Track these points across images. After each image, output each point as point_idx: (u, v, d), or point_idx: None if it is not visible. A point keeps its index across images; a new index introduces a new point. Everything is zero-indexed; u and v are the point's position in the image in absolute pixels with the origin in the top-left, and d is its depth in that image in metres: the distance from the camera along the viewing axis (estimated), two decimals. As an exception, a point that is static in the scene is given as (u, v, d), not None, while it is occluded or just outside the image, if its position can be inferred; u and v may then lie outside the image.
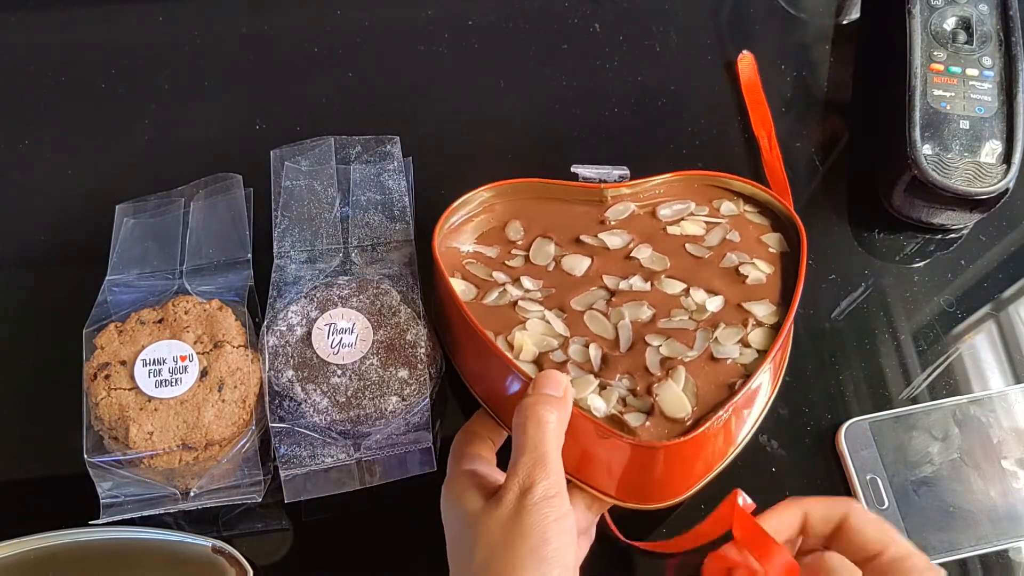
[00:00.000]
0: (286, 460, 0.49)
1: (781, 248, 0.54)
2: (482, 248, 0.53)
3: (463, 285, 0.52)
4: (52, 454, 0.53)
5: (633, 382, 0.48)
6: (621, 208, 0.55)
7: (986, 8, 0.61)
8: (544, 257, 0.53)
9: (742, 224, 0.55)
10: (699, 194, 0.56)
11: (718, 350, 0.49)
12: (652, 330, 0.50)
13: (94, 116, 0.63)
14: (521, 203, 0.55)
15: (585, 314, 0.50)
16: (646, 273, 0.52)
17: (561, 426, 0.42)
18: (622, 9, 0.69)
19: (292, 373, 0.50)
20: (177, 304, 0.51)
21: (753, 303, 0.51)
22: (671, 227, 0.54)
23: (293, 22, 0.68)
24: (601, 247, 0.53)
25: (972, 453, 0.54)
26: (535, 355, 0.49)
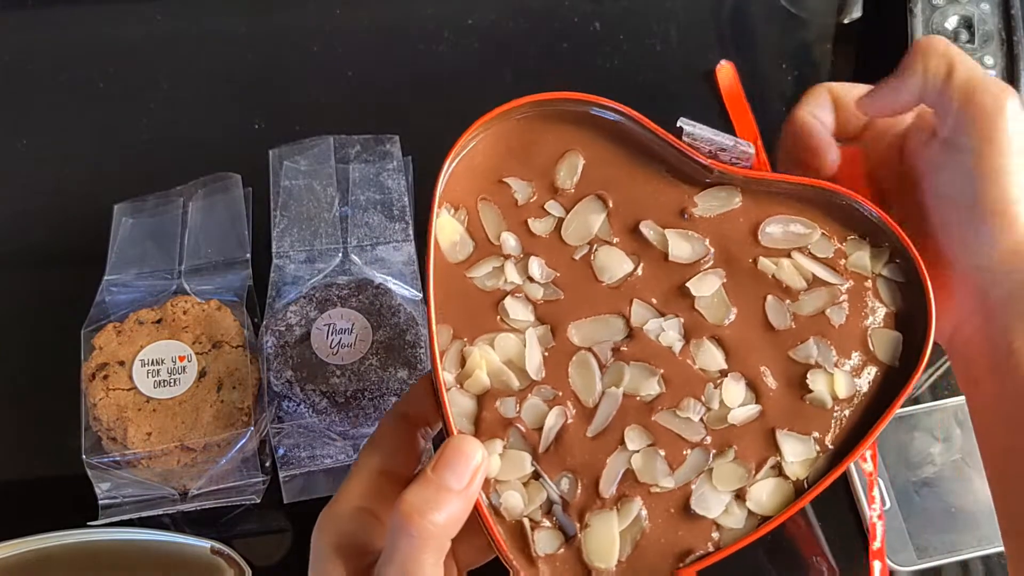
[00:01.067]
0: (285, 461, 0.49)
1: (889, 360, 0.38)
2: (514, 182, 0.39)
3: (458, 232, 0.38)
4: (50, 455, 0.52)
5: (572, 490, 0.36)
6: (721, 196, 0.39)
7: (987, 7, 0.61)
8: (581, 233, 0.39)
9: (861, 296, 0.39)
10: (836, 222, 0.39)
11: (699, 496, 0.36)
12: (643, 419, 0.37)
13: (93, 115, 0.63)
14: (598, 137, 0.40)
15: (577, 354, 0.37)
16: (692, 321, 0.38)
17: (451, 530, 0.33)
18: (623, 8, 0.69)
19: (291, 373, 0.50)
20: (176, 304, 0.51)
21: (791, 436, 0.37)
22: (766, 259, 0.39)
23: (292, 21, 0.67)
24: (659, 252, 0.39)
25: (974, 454, 0.53)
26: (483, 390, 0.37)
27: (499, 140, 0.39)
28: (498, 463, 0.36)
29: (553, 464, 0.36)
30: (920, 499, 0.52)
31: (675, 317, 0.38)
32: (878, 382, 0.38)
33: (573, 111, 0.39)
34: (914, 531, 0.51)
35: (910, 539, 0.51)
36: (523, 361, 0.37)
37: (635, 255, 0.39)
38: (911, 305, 0.38)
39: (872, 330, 0.38)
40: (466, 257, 0.38)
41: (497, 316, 0.38)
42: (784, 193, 0.39)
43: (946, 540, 0.51)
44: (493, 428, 0.36)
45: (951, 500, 0.52)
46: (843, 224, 0.39)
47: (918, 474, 0.53)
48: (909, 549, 0.51)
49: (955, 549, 0.51)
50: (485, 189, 0.39)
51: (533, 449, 0.36)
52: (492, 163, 0.39)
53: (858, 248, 0.39)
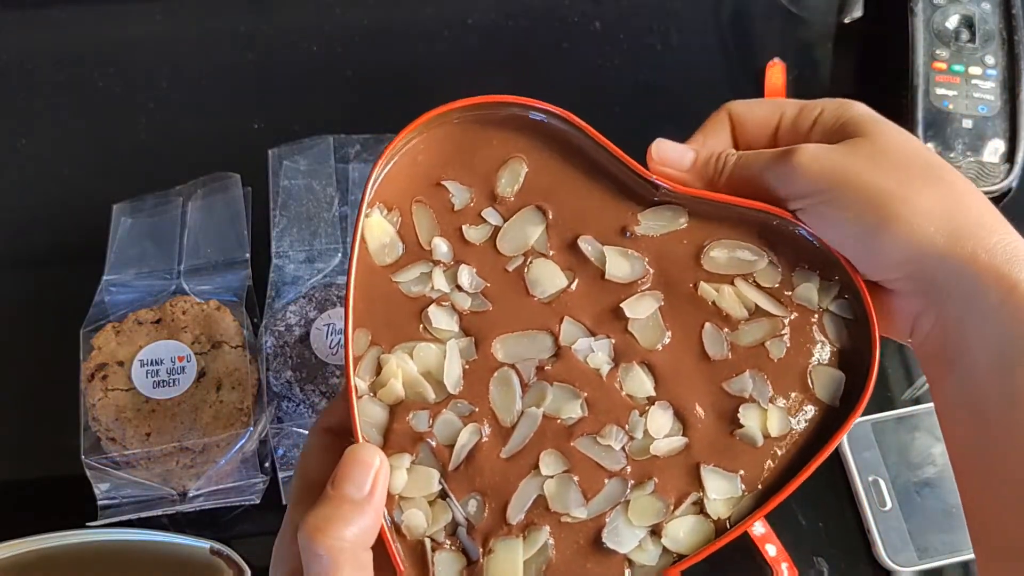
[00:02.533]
0: (284, 461, 0.49)
1: (828, 400, 0.36)
2: (453, 186, 0.37)
3: (388, 234, 0.37)
4: (49, 455, 0.52)
5: (479, 513, 0.34)
6: (667, 216, 0.37)
7: (988, 6, 0.61)
8: (516, 244, 0.37)
9: (805, 331, 0.36)
10: (785, 251, 0.37)
11: (612, 529, 0.34)
12: (561, 443, 0.35)
13: (92, 115, 0.63)
14: (543, 145, 0.38)
15: (499, 371, 0.36)
16: (624, 343, 0.36)
17: (365, 540, 0.32)
18: (623, 7, 0.69)
19: (290, 374, 0.50)
20: (175, 304, 0.51)
21: (716, 473, 0.35)
22: (707, 284, 0.37)
23: (292, 21, 0.67)
24: (596, 269, 0.37)
25: (975, 454, 0.53)
26: (396, 400, 0.35)
27: (443, 142, 0.37)
28: (404, 479, 0.34)
29: (462, 484, 0.35)
30: (921, 499, 0.52)
31: (606, 338, 0.36)
32: (815, 421, 0.36)
33: (520, 116, 0.38)
34: (915, 531, 0.51)
35: (911, 539, 0.51)
36: (441, 373, 0.35)
37: (571, 270, 0.37)
38: (857, 343, 0.36)
39: (813, 367, 0.36)
40: (394, 260, 0.36)
41: (420, 324, 0.36)
42: (734, 217, 0.37)
43: (947, 540, 0.51)
44: (403, 441, 0.35)
45: (952, 500, 0.52)
46: (793, 254, 0.37)
47: (919, 474, 0.53)
48: (910, 549, 0.51)
49: (956, 549, 0.51)
50: (422, 191, 0.37)
51: (443, 466, 0.35)
52: (433, 165, 0.37)
53: (806, 280, 0.37)
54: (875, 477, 0.53)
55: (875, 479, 0.52)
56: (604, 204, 0.38)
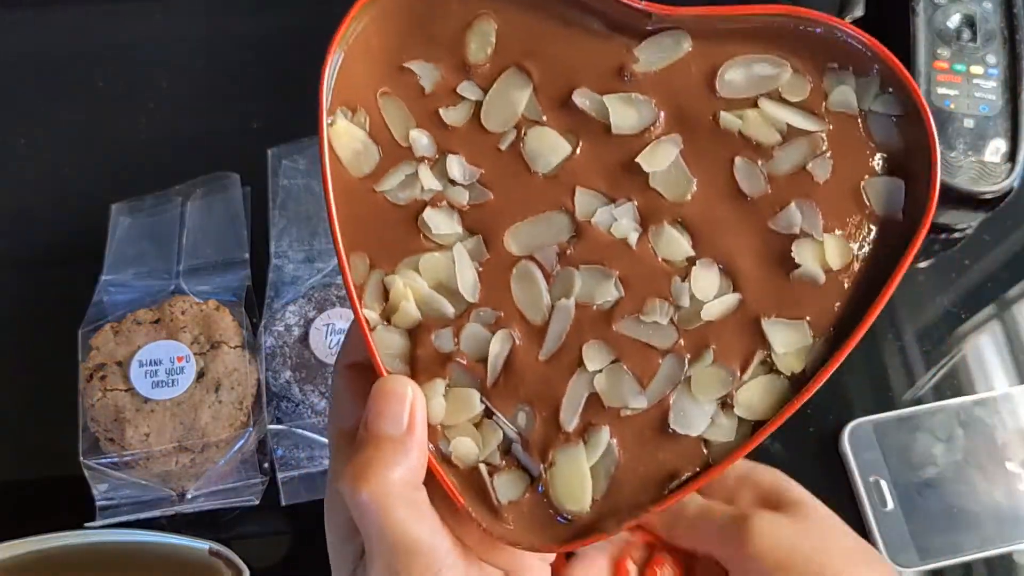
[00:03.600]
0: (283, 462, 0.49)
1: (889, 213, 0.31)
2: (418, 66, 0.32)
3: (359, 140, 0.32)
4: (47, 456, 0.52)
5: (530, 425, 0.31)
6: (666, 44, 0.32)
7: (990, 6, 0.61)
8: (504, 116, 0.32)
9: (850, 141, 0.32)
10: (809, 54, 0.32)
11: (679, 412, 0.31)
12: (602, 332, 0.31)
13: (91, 115, 0.63)
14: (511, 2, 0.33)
15: (517, 265, 0.31)
16: (647, 202, 0.32)
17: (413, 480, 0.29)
18: (623, 7, 0.69)
19: (290, 374, 0.50)
20: (174, 304, 0.51)
21: (780, 324, 0.31)
22: (728, 114, 0.32)
23: (292, 21, 0.67)
24: (600, 124, 0.32)
25: (976, 455, 0.53)
26: (413, 323, 0.31)
27: (396, 17, 0.32)
28: (442, 405, 0.31)
29: (505, 398, 0.31)
30: (922, 500, 0.52)
31: (627, 201, 0.32)
32: (879, 242, 0.31)
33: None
34: (916, 532, 0.51)
35: (912, 540, 0.51)
36: (455, 282, 0.31)
37: (571, 133, 0.32)
38: (910, 141, 0.31)
39: (866, 181, 0.31)
40: (372, 169, 0.32)
41: (419, 233, 0.32)
42: (742, 29, 0.32)
43: (948, 541, 0.51)
44: (431, 366, 0.31)
45: (953, 501, 0.52)
46: (819, 55, 0.32)
47: (920, 475, 0.53)
48: (911, 550, 0.51)
49: (958, 550, 0.51)
50: (384, 79, 0.32)
51: (480, 384, 0.31)
52: (389, 47, 0.32)
53: (840, 82, 0.32)
54: (876, 477, 0.52)
55: (876, 479, 0.52)
56: (593, 47, 0.32)
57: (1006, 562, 0.52)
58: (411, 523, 0.28)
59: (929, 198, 0.30)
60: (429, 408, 0.30)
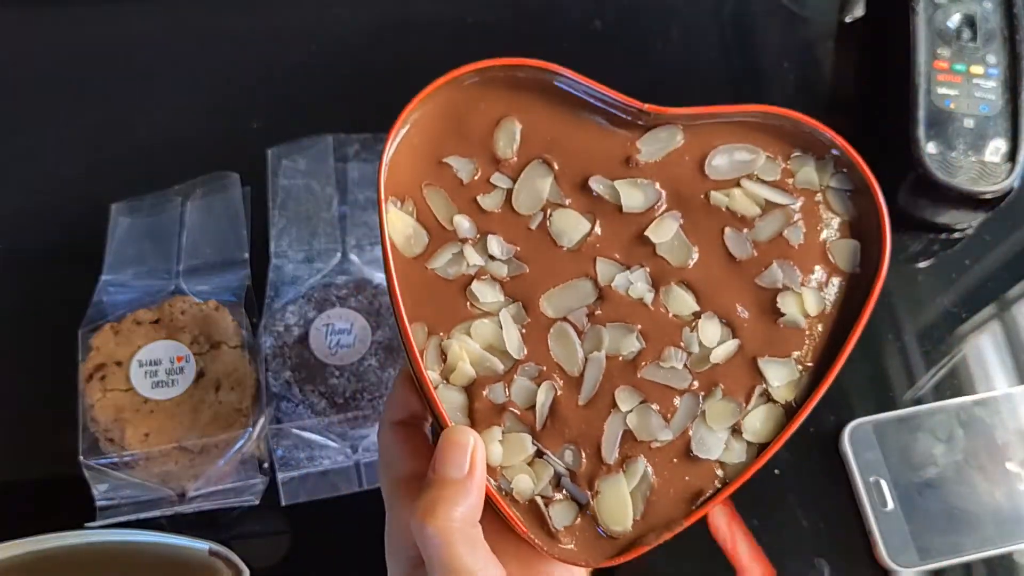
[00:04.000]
0: (283, 462, 0.49)
1: (851, 268, 0.39)
2: (455, 161, 0.39)
3: (410, 226, 0.38)
4: (47, 456, 0.52)
5: (576, 459, 0.37)
6: (662, 137, 0.39)
7: (990, 5, 0.61)
8: (532, 201, 0.38)
9: (814, 212, 0.39)
10: (777, 142, 0.40)
11: (699, 439, 0.37)
12: (629, 378, 0.37)
13: (90, 114, 0.63)
14: (530, 99, 0.39)
15: (554, 326, 0.38)
16: (657, 268, 0.38)
17: (472, 518, 0.34)
18: (623, 6, 0.68)
19: (289, 374, 0.50)
20: (173, 304, 0.51)
21: (773, 361, 0.38)
22: (718, 193, 0.39)
23: (291, 21, 0.67)
24: (613, 205, 0.39)
25: (977, 455, 0.53)
26: (470, 380, 0.37)
27: (434, 120, 0.39)
28: (500, 450, 0.37)
29: (553, 439, 0.37)
30: (922, 500, 0.52)
31: (640, 268, 0.38)
32: (845, 292, 0.38)
33: (500, 76, 0.39)
34: (916, 532, 0.51)
35: (912, 540, 0.51)
36: (503, 343, 0.37)
37: (590, 213, 0.39)
38: (863, 209, 0.39)
39: (830, 242, 0.39)
40: (423, 249, 0.38)
41: (467, 302, 0.38)
42: (723, 123, 0.39)
43: (949, 542, 0.51)
44: (488, 416, 0.37)
45: (954, 501, 0.52)
46: (784, 143, 0.40)
47: (920, 475, 0.53)
48: (911, 550, 0.51)
49: (958, 551, 0.51)
50: (427, 174, 0.38)
51: (531, 428, 0.37)
52: (430, 146, 0.39)
53: (803, 164, 0.39)
54: (876, 477, 0.52)
55: (876, 479, 0.52)
56: (602, 140, 0.39)
57: (1006, 562, 0.52)
58: (468, 555, 0.33)
59: (881, 255, 0.37)
60: (489, 452, 0.36)
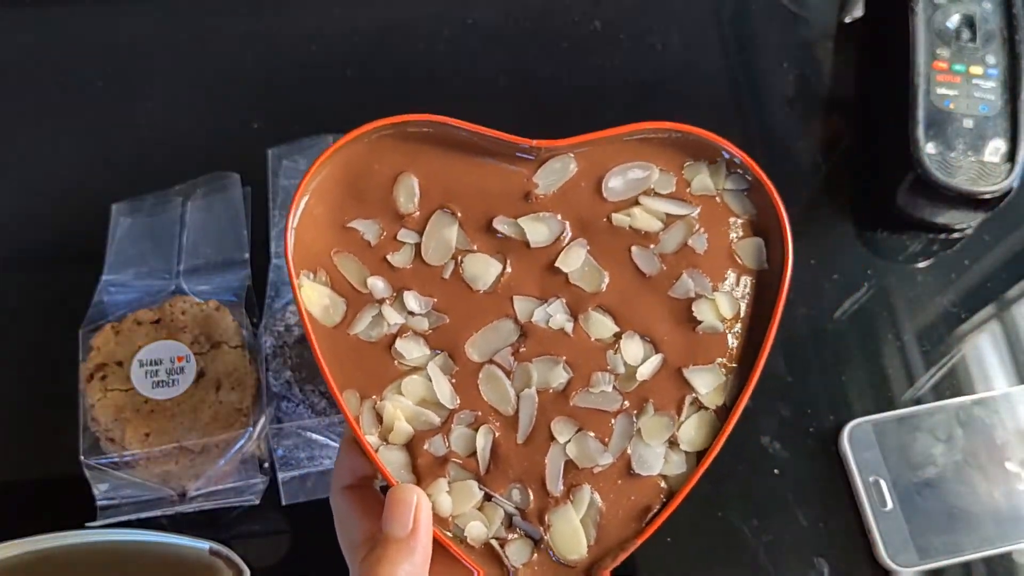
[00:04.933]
0: (284, 462, 0.49)
1: (757, 265, 0.39)
2: (360, 224, 0.39)
3: (326, 296, 0.38)
4: (48, 456, 0.52)
5: (524, 498, 0.37)
6: (557, 168, 0.40)
7: (989, 6, 0.61)
8: (441, 251, 0.39)
9: (715, 216, 0.40)
10: (666, 156, 0.40)
11: (639, 456, 0.38)
12: (562, 408, 0.38)
13: (91, 115, 0.63)
14: (418, 149, 0.40)
15: (482, 370, 0.38)
16: (572, 297, 0.39)
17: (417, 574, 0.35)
18: (623, 7, 0.68)
19: (290, 374, 0.50)
20: (174, 304, 0.51)
21: (698, 370, 0.38)
22: (618, 214, 0.39)
23: (292, 21, 0.67)
24: (520, 242, 0.39)
25: (976, 455, 0.53)
26: (408, 437, 0.38)
27: (330, 188, 0.39)
28: (448, 500, 0.37)
29: (499, 480, 0.38)
30: (922, 500, 0.52)
31: (556, 299, 0.39)
32: (756, 289, 0.39)
33: (387, 136, 0.39)
34: (916, 532, 0.51)
35: (912, 540, 0.51)
36: (435, 396, 0.38)
37: (499, 253, 0.39)
38: (762, 207, 0.40)
39: (735, 244, 0.39)
40: (342, 317, 0.38)
41: (394, 361, 0.38)
42: (612, 145, 0.40)
43: (948, 541, 0.51)
44: (431, 469, 0.37)
45: (953, 501, 0.52)
46: (675, 153, 0.40)
47: (920, 475, 0.53)
48: (911, 550, 0.51)
49: (957, 550, 0.51)
50: (334, 241, 0.39)
51: (475, 474, 0.38)
52: (331, 214, 0.39)
53: (697, 171, 0.40)
54: (876, 477, 0.52)
55: (876, 479, 0.52)
56: (499, 180, 0.40)
57: (1006, 562, 0.52)
58: None
59: (785, 248, 0.38)
60: (437, 504, 0.37)
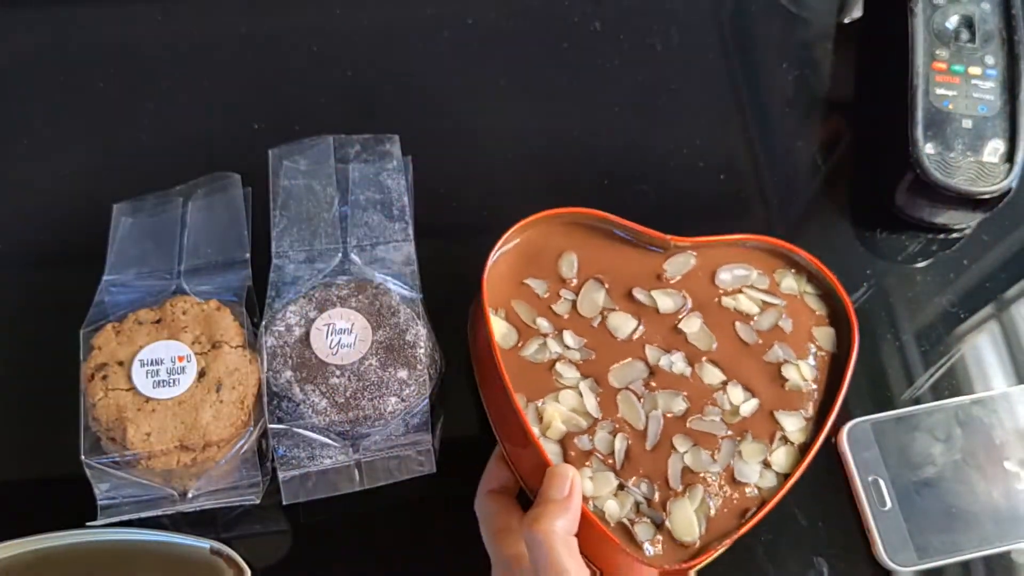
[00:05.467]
0: (284, 461, 0.49)
1: (831, 348, 0.52)
2: (532, 282, 0.52)
3: (505, 327, 0.50)
4: (49, 455, 0.52)
5: (651, 490, 0.47)
6: (681, 261, 0.53)
7: (988, 6, 0.61)
8: (592, 308, 0.51)
9: (798, 309, 0.53)
10: (763, 261, 0.54)
11: (740, 469, 0.48)
12: (681, 428, 0.49)
13: (92, 115, 0.63)
14: (579, 233, 0.53)
15: (620, 393, 0.49)
16: (690, 351, 0.51)
17: (570, 529, 0.43)
18: (623, 7, 0.69)
19: (291, 374, 0.50)
20: (175, 304, 0.51)
21: (786, 414, 0.50)
22: (726, 298, 0.52)
23: (292, 21, 0.67)
24: (651, 308, 0.52)
25: (975, 454, 0.53)
26: (562, 434, 0.48)
27: (515, 255, 0.52)
28: (591, 484, 0.47)
29: (630, 475, 0.48)
30: (921, 499, 0.52)
31: (678, 351, 0.51)
32: (829, 363, 0.52)
33: (561, 222, 0.53)
34: (915, 531, 0.51)
35: (911, 539, 0.51)
36: (584, 407, 0.49)
37: (635, 315, 0.52)
38: (832, 307, 0.53)
39: (813, 329, 0.52)
40: (515, 343, 0.50)
41: (554, 378, 0.49)
42: (722, 249, 0.54)
43: (947, 540, 0.51)
44: (579, 460, 0.48)
45: (952, 501, 0.52)
46: (769, 261, 0.54)
47: (919, 474, 0.53)
48: (910, 549, 0.51)
49: (956, 549, 0.51)
50: (513, 292, 0.52)
51: (612, 468, 0.48)
52: (513, 272, 0.52)
53: (785, 277, 0.54)
54: (875, 477, 0.53)
55: (875, 479, 0.53)
56: (640, 263, 0.53)
57: (1004, 561, 0.52)
58: (566, 556, 0.41)
59: (852, 338, 0.51)
60: (583, 486, 0.46)
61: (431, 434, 0.50)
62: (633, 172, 0.62)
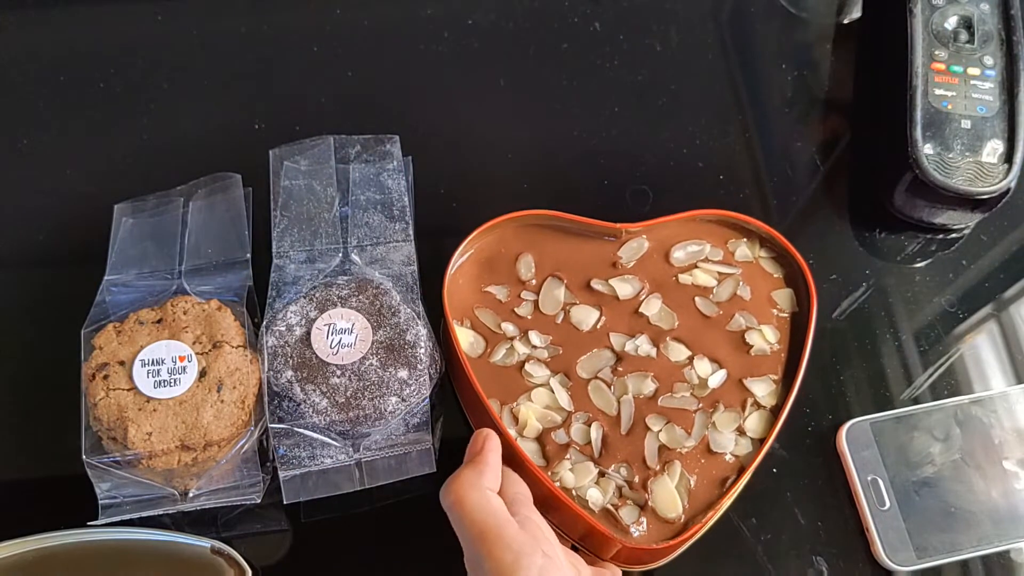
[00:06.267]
0: (285, 461, 0.49)
1: (791, 308, 0.54)
2: (493, 288, 0.53)
3: (471, 337, 0.52)
4: (50, 455, 0.52)
5: (630, 472, 0.49)
6: (634, 246, 0.55)
7: (987, 7, 0.61)
8: (553, 305, 0.53)
9: (755, 275, 0.55)
10: (715, 233, 0.56)
11: (715, 440, 0.50)
12: (653, 409, 0.50)
13: (93, 115, 0.63)
14: (533, 234, 0.55)
15: (590, 384, 0.51)
16: (653, 332, 0.52)
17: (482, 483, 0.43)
18: (622, 8, 0.69)
19: (291, 373, 0.50)
20: (176, 304, 0.51)
21: (754, 380, 0.51)
22: (683, 275, 0.54)
23: (292, 21, 0.67)
24: (611, 296, 0.53)
25: (974, 454, 0.53)
26: (538, 432, 0.50)
27: (471, 265, 0.54)
28: (571, 475, 0.49)
29: (609, 462, 0.49)
30: (920, 499, 0.52)
31: (642, 334, 0.53)
32: (791, 323, 0.54)
33: (512, 226, 0.54)
34: (914, 531, 0.51)
35: (910, 539, 0.51)
36: (557, 403, 0.51)
37: (596, 305, 0.53)
38: (788, 268, 0.55)
39: (771, 293, 0.54)
40: (483, 351, 0.52)
41: (525, 379, 0.51)
42: (673, 227, 0.55)
43: (946, 540, 0.51)
44: (557, 453, 0.49)
45: (951, 500, 0.52)
46: (721, 233, 0.56)
47: (918, 474, 0.53)
48: (909, 549, 0.51)
49: (955, 549, 0.51)
50: (476, 301, 0.53)
51: (591, 457, 0.49)
52: (471, 282, 0.54)
53: (738, 246, 0.56)
54: (874, 476, 0.53)
55: (874, 478, 0.53)
56: (595, 255, 0.55)
57: (1003, 560, 0.52)
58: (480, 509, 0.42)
59: (810, 295, 0.53)
60: (563, 478, 0.49)
61: (431, 434, 0.51)
62: (633, 172, 0.62)
